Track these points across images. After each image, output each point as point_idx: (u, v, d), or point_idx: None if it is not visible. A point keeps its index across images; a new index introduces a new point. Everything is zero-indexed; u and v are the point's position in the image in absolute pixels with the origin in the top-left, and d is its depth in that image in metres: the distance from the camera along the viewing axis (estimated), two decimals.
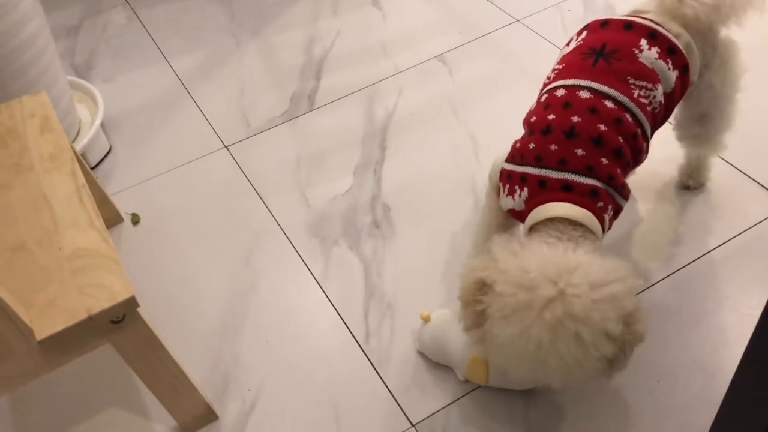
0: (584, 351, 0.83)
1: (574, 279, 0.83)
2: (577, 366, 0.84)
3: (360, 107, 1.64)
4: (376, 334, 1.21)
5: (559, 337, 0.82)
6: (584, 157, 0.96)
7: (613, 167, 0.97)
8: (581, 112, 0.97)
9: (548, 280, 0.84)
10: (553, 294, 0.83)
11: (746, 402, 0.70)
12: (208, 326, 1.25)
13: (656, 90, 1.02)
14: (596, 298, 0.83)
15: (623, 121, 0.98)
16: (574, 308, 0.82)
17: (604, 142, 0.96)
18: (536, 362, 0.85)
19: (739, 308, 1.17)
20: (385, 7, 1.92)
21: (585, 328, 0.82)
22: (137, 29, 1.98)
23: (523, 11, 1.83)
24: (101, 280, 0.88)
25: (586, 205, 0.94)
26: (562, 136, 0.96)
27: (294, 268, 1.33)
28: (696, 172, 1.34)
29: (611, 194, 0.98)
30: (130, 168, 1.57)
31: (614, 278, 0.85)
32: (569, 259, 0.86)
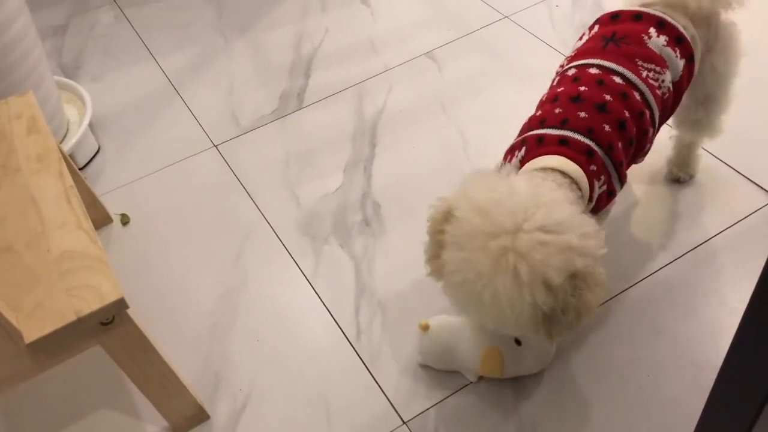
0: (518, 291, 0.81)
1: (536, 215, 0.82)
2: (510, 307, 0.82)
3: (349, 105, 1.64)
4: (367, 331, 1.21)
5: (499, 268, 0.81)
6: (586, 119, 0.96)
7: (615, 138, 0.97)
8: (589, 83, 1.00)
9: (509, 210, 0.82)
10: (508, 225, 0.81)
11: (733, 394, 0.70)
12: (198, 326, 1.25)
13: (664, 74, 1.04)
14: (546, 240, 0.81)
15: (630, 96, 0.99)
16: (520, 243, 0.80)
17: (609, 110, 0.97)
18: (474, 294, 0.83)
19: (727, 302, 1.18)
20: (373, 4, 1.92)
21: (524, 266, 0.80)
22: (125, 28, 1.97)
23: (512, 7, 1.84)
24: (90, 281, 0.88)
25: (579, 162, 0.93)
26: (568, 101, 0.98)
27: (284, 267, 1.33)
28: (686, 163, 1.35)
29: (607, 166, 0.97)
30: (119, 168, 1.56)
31: (574, 230, 0.83)
32: (541, 195, 0.84)
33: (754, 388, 0.66)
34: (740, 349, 0.66)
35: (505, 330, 0.91)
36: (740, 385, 0.68)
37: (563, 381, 1.11)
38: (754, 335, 0.62)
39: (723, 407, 0.73)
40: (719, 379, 0.71)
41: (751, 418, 0.69)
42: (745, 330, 0.63)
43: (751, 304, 0.61)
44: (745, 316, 0.62)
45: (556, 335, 0.87)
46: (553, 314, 0.85)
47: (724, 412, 0.73)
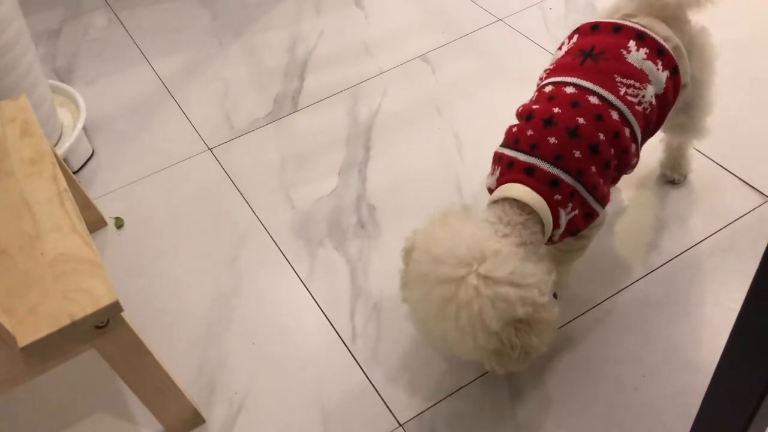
0: (461, 336, 0.89)
1: (480, 268, 0.87)
2: (457, 346, 0.91)
3: (344, 107, 1.64)
4: (363, 334, 1.21)
5: (442, 315, 0.88)
6: (555, 146, 0.97)
7: (586, 163, 0.97)
8: (563, 104, 0.99)
9: (457, 260, 0.88)
10: (453, 275, 0.87)
11: (728, 395, 0.70)
12: (193, 329, 1.25)
13: (645, 89, 1.03)
14: (486, 293, 0.87)
15: (605, 117, 0.99)
16: (461, 293, 0.87)
17: (580, 135, 0.97)
18: (426, 331, 0.94)
19: (722, 302, 1.19)
20: (367, 7, 1.92)
21: (464, 315, 0.87)
22: (119, 32, 1.96)
23: (506, 10, 1.84)
24: (84, 285, 0.88)
25: (542, 193, 0.96)
26: (540, 123, 0.99)
27: (279, 270, 1.33)
28: (677, 164, 1.35)
29: (578, 192, 0.98)
30: (114, 171, 1.56)
31: (515, 282, 0.88)
32: (488, 246, 0.89)
33: (749, 389, 0.66)
34: (735, 349, 0.66)
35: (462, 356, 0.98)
36: (735, 385, 0.68)
37: (559, 383, 1.11)
38: (749, 336, 0.63)
39: (718, 408, 0.73)
40: (714, 379, 0.71)
41: (746, 419, 0.69)
42: (739, 331, 0.64)
43: (746, 304, 0.61)
44: (740, 317, 0.62)
45: (509, 368, 0.95)
46: (501, 351, 0.92)
47: (720, 412, 0.73)
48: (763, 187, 1.34)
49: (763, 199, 1.32)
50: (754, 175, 1.36)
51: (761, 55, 1.55)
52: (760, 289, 0.59)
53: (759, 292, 0.59)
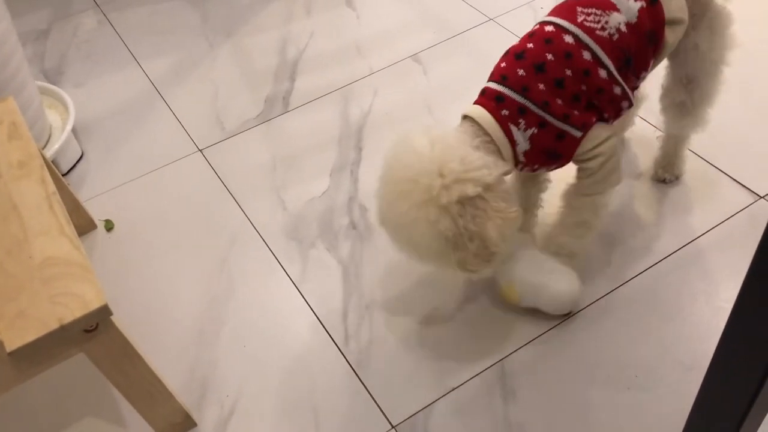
0: (415, 211, 0.97)
1: (434, 154, 0.98)
2: (414, 228, 0.98)
3: (335, 108, 1.64)
4: (355, 336, 1.20)
5: (399, 194, 0.99)
6: (503, 69, 1.07)
7: (530, 80, 1.04)
8: (523, 38, 1.09)
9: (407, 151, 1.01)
10: (411, 163, 0.99)
11: (720, 394, 0.70)
12: (184, 332, 1.24)
13: (609, 16, 1.06)
14: (432, 170, 0.97)
15: (553, 40, 1.05)
16: (414, 173, 0.97)
17: (525, 57, 1.05)
18: (388, 222, 1.03)
19: (713, 302, 1.19)
20: (358, 8, 1.92)
21: (416, 190, 0.97)
22: (108, 33, 1.95)
23: (497, 10, 1.84)
24: (73, 288, 0.87)
25: (489, 108, 1.05)
26: (513, 58, 1.08)
27: (271, 272, 1.32)
28: (671, 163, 1.35)
29: (528, 108, 1.03)
30: (103, 173, 1.55)
31: (465, 160, 0.98)
32: (432, 139, 1.01)
33: (742, 388, 0.66)
34: (727, 349, 0.66)
35: (426, 260, 1.05)
36: (728, 385, 0.68)
37: (551, 384, 1.11)
38: (741, 335, 0.62)
39: (711, 407, 0.73)
40: (707, 379, 0.71)
41: (738, 418, 0.69)
42: (731, 330, 0.64)
43: (738, 303, 0.61)
44: (732, 316, 0.62)
45: (467, 265, 1.01)
46: (457, 240, 0.98)
47: (713, 411, 0.73)
48: (754, 186, 1.34)
49: (754, 198, 1.33)
50: (745, 174, 1.37)
51: (753, 57, 1.56)
52: (751, 288, 0.59)
53: (750, 291, 0.59)
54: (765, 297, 0.58)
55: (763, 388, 0.65)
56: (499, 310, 1.21)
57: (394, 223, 1.02)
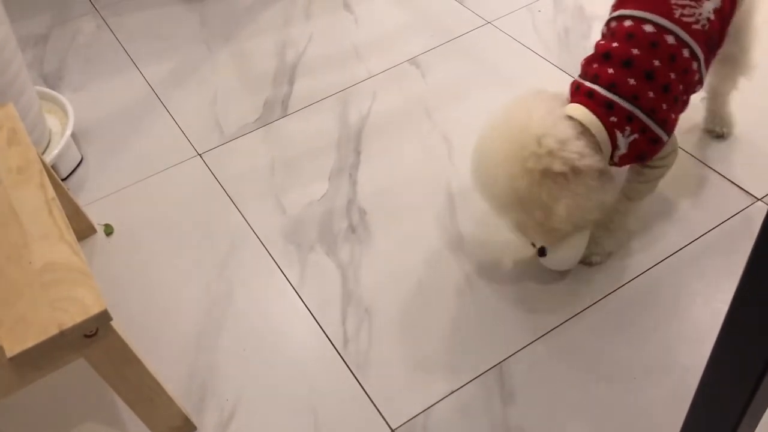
0: (501, 155, 1.05)
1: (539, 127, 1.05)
2: (496, 171, 1.06)
3: (334, 112, 1.64)
4: (354, 339, 1.21)
5: (502, 140, 1.07)
6: (611, 75, 1.09)
7: (642, 88, 1.07)
8: (620, 38, 1.10)
9: (517, 109, 1.09)
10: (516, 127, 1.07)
11: (716, 396, 0.71)
12: (184, 336, 1.24)
13: (701, 7, 1.09)
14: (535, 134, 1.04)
15: (659, 43, 1.08)
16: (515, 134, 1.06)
17: (634, 65, 1.08)
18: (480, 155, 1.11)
19: (711, 303, 1.19)
20: (357, 11, 1.92)
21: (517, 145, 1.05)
22: (107, 38, 1.96)
23: (494, 13, 1.85)
24: (73, 294, 0.87)
25: (598, 113, 1.08)
26: (602, 59, 1.11)
27: (270, 276, 1.32)
28: (722, 119, 1.42)
29: (635, 115, 1.07)
30: (103, 178, 1.55)
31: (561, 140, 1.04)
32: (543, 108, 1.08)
33: (738, 390, 0.66)
34: (723, 350, 0.66)
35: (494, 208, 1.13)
36: (724, 385, 0.68)
37: (550, 385, 1.11)
38: (737, 337, 0.63)
39: (707, 409, 0.74)
40: (703, 380, 0.71)
41: (735, 419, 0.69)
42: (727, 331, 0.64)
43: (732, 306, 0.61)
44: (727, 318, 0.63)
45: (526, 230, 1.11)
46: (525, 204, 1.06)
47: (709, 413, 0.74)
48: (751, 188, 1.35)
49: (752, 200, 1.33)
50: (741, 176, 1.37)
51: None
52: (746, 290, 0.59)
53: (745, 293, 0.60)
54: (760, 298, 0.59)
55: (760, 388, 0.65)
56: (498, 313, 1.21)
57: (481, 163, 1.10)
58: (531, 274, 1.27)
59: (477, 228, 1.35)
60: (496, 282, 1.26)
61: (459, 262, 1.30)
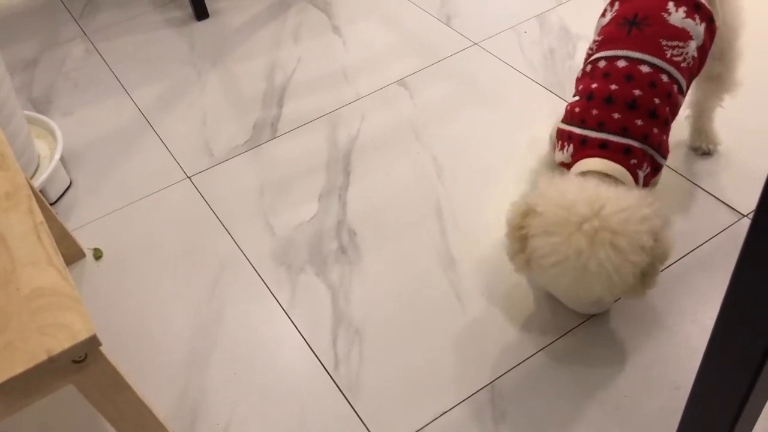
0: (621, 257, 0.96)
1: (607, 204, 0.98)
2: (616, 272, 0.97)
3: (323, 133, 1.65)
4: (345, 360, 1.20)
5: (597, 244, 0.96)
6: (619, 120, 1.09)
7: (648, 127, 1.09)
8: (618, 80, 1.11)
9: (584, 202, 0.98)
10: (589, 214, 0.97)
11: (705, 413, 0.71)
12: (174, 360, 1.24)
13: (688, 46, 1.14)
14: (626, 217, 0.97)
15: (658, 83, 1.10)
16: (609, 223, 0.96)
17: (639, 106, 1.09)
18: (577, 269, 0.98)
19: (700, 320, 1.20)
20: (345, 34, 1.94)
21: (620, 237, 0.96)
22: (96, 62, 1.96)
23: (481, 34, 1.87)
24: (61, 319, 0.87)
25: (619, 161, 1.08)
26: (602, 103, 1.11)
27: (260, 298, 1.32)
28: (707, 135, 1.44)
29: (647, 152, 1.10)
30: (92, 202, 1.55)
31: (643, 204, 1.00)
32: (602, 191, 1.01)
33: (726, 406, 0.66)
34: (710, 367, 0.67)
35: (609, 294, 1.03)
36: (712, 403, 0.69)
37: (542, 405, 1.11)
38: (722, 353, 0.63)
39: (697, 426, 0.74)
40: (691, 398, 0.72)
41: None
42: (713, 348, 0.64)
43: (718, 322, 0.62)
44: (713, 335, 0.63)
45: (648, 287, 1.04)
46: (647, 269, 1.01)
47: (699, 430, 0.74)
48: (737, 205, 1.36)
49: (738, 217, 1.34)
50: (728, 193, 1.39)
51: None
52: (730, 306, 0.60)
53: (729, 310, 0.60)
54: (743, 316, 0.59)
55: (748, 404, 0.66)
56: (489, 332, 1.21)
57: (588, 269, 0.98)
58: (521, 293, 1.27)
59: (467, 247, 1.36)
60: (487, 301, 1.26)
61: (449, 281, 1.30)
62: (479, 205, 1.43)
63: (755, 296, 0.57)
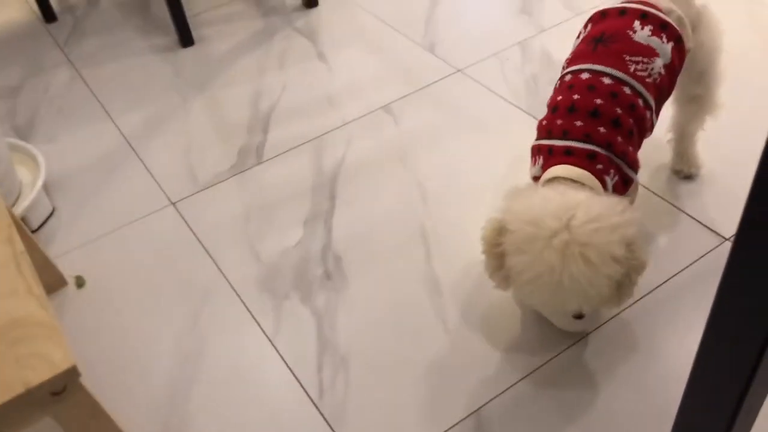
0: (593, 270, 0.96)
1: (577, 214, 0.98)
2: (590, 285, 0.97)
3: (308, 159, 1.65)
4: (331, 389, 1.19)
5: (568, 258, 0.96)
6: (582, 127, 1.11)
7: (612, 135, 1.10)
8: (581, 90, 1.13)
9: (552, 214, 0.98)
10: (558, 226, 0.97)
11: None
12: (156, 390, 1.22)
13: (653, 62, 1.16)
14: (596, 227, 0.97)
15: (619, 94, 1.12)
16: (579, 235, 0.96)
17: (601, 114, 1.11)
18: (552, 285, 0.98)
19: (685, 345, 1.20)
20: (330, 61, 1.95)
21: (590, 249, 0.96)
22: (81, 88, 1.96)
23: (464, 61, 1.89)
24: (40, 350, 0.85)
25: (584, 166, 1.09)
26: (566, 112, 1.13)
27: (244, 326, 1.31)
28: (689, 159, 1.46)
29: (613, 160, 1.11)
30: (75, 229, 1.54)
31: (613, 212, 1.00)
32: (569, 199, 1.01)
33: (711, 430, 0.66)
34: (695, 392, 0.67)
35: (586, 306, 1.05)
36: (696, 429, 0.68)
37: (530, 429, 1.10)
38: (707, 379, 0.63)
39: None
40: (676, 424, 0.71)
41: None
42: (697, 373, 0.64)
43: (701, 348, 0.62)
44: (697, 360, 0.63)
45: (625, 296, 1.05)
46: (623, 280, 1.02)
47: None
48: (720, 229, 1.37)
49: (720, 240, 1.35)
50: (710, 217, 1.40)
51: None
52: (714, 330, 0.60)
53: (714, 334, 0.60)
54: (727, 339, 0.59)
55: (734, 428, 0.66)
56: (475, 358, 1.21)
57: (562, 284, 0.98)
58: (507, 318, 1.27)
59: (452, 272, 1.36)
60: (473, 326, 1.26)
61: (435, 306, 1.30)
62: (464, 229, 1.43)
63: (738, 320, 0.57)
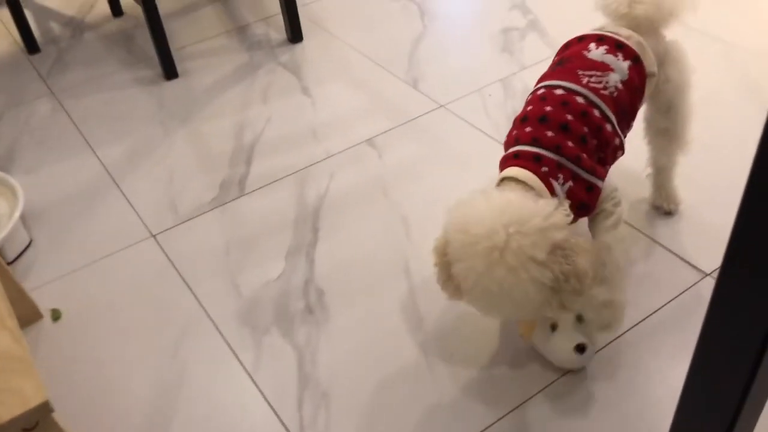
0: (514, 274, 0.97)
1: (502, 218, 0.99)
2: (515, 289, 0.98)
3: (291, 191, 1.65)
4: (311, 426, 1.17)
5: (492, 264, 0.98)
6: (530, 132, 1.15)
7: (560, 139, 1.13)
8: (535, 103, 1.19)
9: (477, 221, 1.00)
10: (483, 232, 0.99)
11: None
12: (133, 427, 1.19)
13: (608, 76, 1.20)
14: (517, 230, 0.98)
15: (570, 102, 1.16)
16: (498, 240, 0.98)
17: (549, 120, 1.15)
18: (484, 291, 1.00)
19: (668, 381, 1.19)
20: (314, 95, 1.97)
21: (508, 254, 0.97)
22: (62, 120, 1.95)
23: (447, 97, 1.91)
24: (12, 384, 0.83)
25: (529, 168, 1.11)
26: (519, 122, 1.19)
27: (224, 361, 1.28)
28: (668, 195, 1.47)
29: (562, 163, 1.12)
30: (52, 261, 1.51)
31: (537, 214, 1.00)
32: (495, 203, 1.02)
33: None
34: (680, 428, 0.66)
35: (522, 313, 1.06)
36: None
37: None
38: (691, 415, 0.63)
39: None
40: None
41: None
42: (682, 409, 0.64)
43: (687, 384, 0.62)
44: (683, 396, 0.63)
45: (568, 304, 1.03)
46: (556, 285, 1.00)
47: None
48: (700, 263, 1.38)
49: (701, 275, 1.36)
50: (691, 252, 1.41)
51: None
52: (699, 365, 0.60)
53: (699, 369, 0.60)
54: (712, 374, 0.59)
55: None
56: (458, 394, 1.19)
57: (491, 290, 0.99)
58: (491, 353, 1.26)
59: (435, 306, 1.35)
60: (456, 362, 1.25)
61: (418, 341, 1.29)
62: None
63: (722, 355, 0.57)
